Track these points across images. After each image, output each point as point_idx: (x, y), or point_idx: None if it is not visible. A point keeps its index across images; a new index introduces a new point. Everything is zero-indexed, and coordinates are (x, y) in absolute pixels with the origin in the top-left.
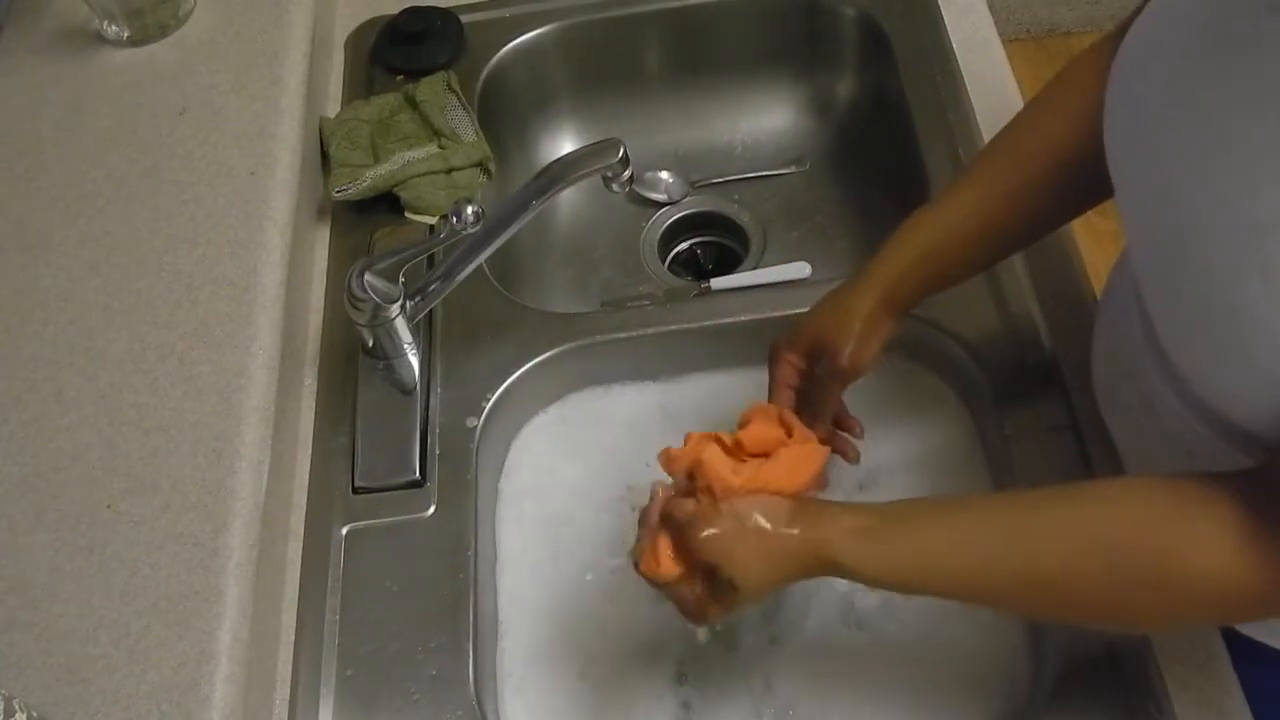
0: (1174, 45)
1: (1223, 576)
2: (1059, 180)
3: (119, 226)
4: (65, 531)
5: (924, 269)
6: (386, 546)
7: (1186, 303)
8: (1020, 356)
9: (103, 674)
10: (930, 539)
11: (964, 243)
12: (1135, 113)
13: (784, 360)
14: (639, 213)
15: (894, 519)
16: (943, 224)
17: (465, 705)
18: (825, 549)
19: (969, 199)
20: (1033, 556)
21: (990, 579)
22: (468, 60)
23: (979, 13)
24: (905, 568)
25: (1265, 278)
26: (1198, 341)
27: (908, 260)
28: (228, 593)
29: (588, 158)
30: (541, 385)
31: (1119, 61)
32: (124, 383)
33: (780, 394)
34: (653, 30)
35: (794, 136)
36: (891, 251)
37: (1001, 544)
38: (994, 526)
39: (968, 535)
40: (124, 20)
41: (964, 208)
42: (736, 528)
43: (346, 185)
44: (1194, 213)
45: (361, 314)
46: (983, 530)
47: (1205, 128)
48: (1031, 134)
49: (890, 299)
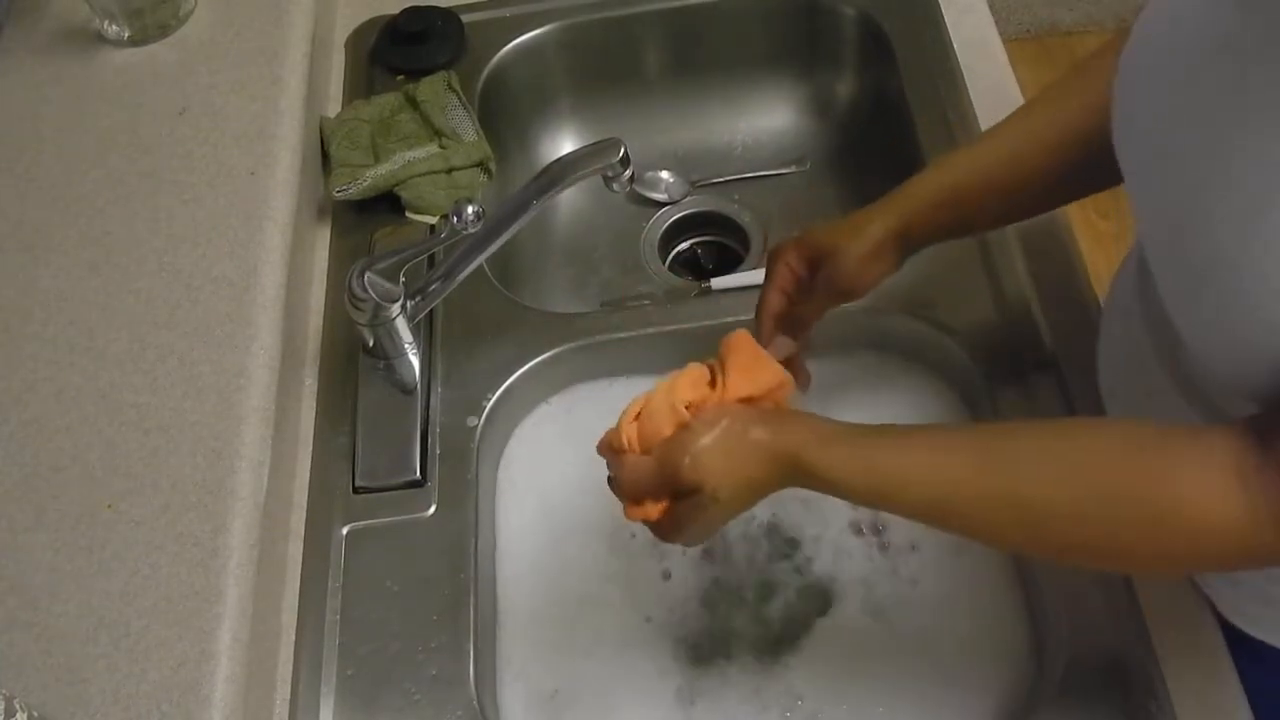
0: (1181, 43)
1: (1210, 513)
2: (1096, 144)
3: (119, 226)
4: (65, 531)
5: (946, 211)
6: (387, 546)
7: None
8: (1020, 356)
9: (103, 674)
10: (909, 450)
11: (991, 190)
12: (1143, 107)
13: (783, 262)
14: (639, 212)
15: (872, 431)
16: (977, 168)
17: (465, 705)
18: (801, 451)
19: (1004, 148)
20: (1013, 478)
21: (967, 498)
22: (468, 60)
23: (979, 12)
24: (879, 475)
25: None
26: (1208, 326)
27: (933, 197)
28: (228, 593)
29: (588, 158)
30: (542, 385)
31: (1125, 58)
32: (124, 383)
33: (772, 296)
34: (653, 30)
35: (794, 136)
36: (918, 186)
37: (981, 462)
38: (976, 446)
39: (949, 448)
40: (124, 20)
41: (999, 155)
42: (708, 439)
43: (347, 185)
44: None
45: (362, 314)
46: (964, 447)
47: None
48: (1070, 97)
49: (905, 233)
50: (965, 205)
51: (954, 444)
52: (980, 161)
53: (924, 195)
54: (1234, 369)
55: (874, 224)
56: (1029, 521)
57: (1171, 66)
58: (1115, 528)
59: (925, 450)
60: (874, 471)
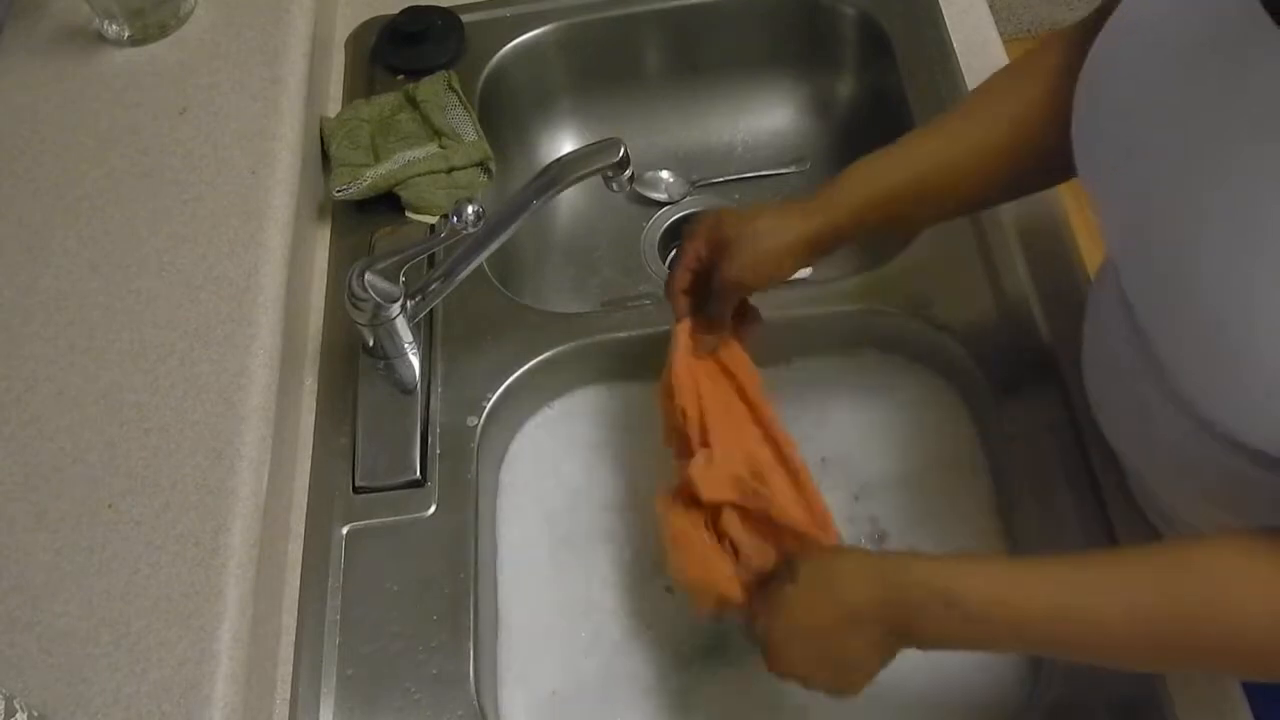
0: (1150, 53)
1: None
2: (1026, 148)
3: (119, 226)
4: (65, 531)
5: (876, 212)
6: (387, 546)
7: (1174, 309)
8: (1020, 355)
9: (103, 673)
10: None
11: (925, 195)
12: (1110, 120)
13: (691, 241)
14: (639, 212)
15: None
16: (911, 174)
17: (466, 704)
18: (932, 578)
19: (934, 147)
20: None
21: (1095, 633)
22: (468, 60)
23: (979, 12)
24: (1019, 608)
25: (1253, 287)
26: (1186, 347)
27: (864, 201)
28: (228, 592)
29: (588, 157)
30: (542, 384)
31: (1089, 66)
32: (124, 383)
33: (679, 273)
34: (653, 30)
35: (794, 136)
36: (847, 192)
37: (1101, 600)
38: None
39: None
40: (124, 20)
41: (934, 160)
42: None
43: (347, 185)
44: (1178, 221)
45: (362, 313)
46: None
47: (1187, 138)
48: (1005, 97)
49: (828, 237)
50: (896, 206)
51: (1076, 572)
52: (915, 167)
53: (853, 201)
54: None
55: (791, 226)
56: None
57: (1150, 66)
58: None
59: (1052, 569)
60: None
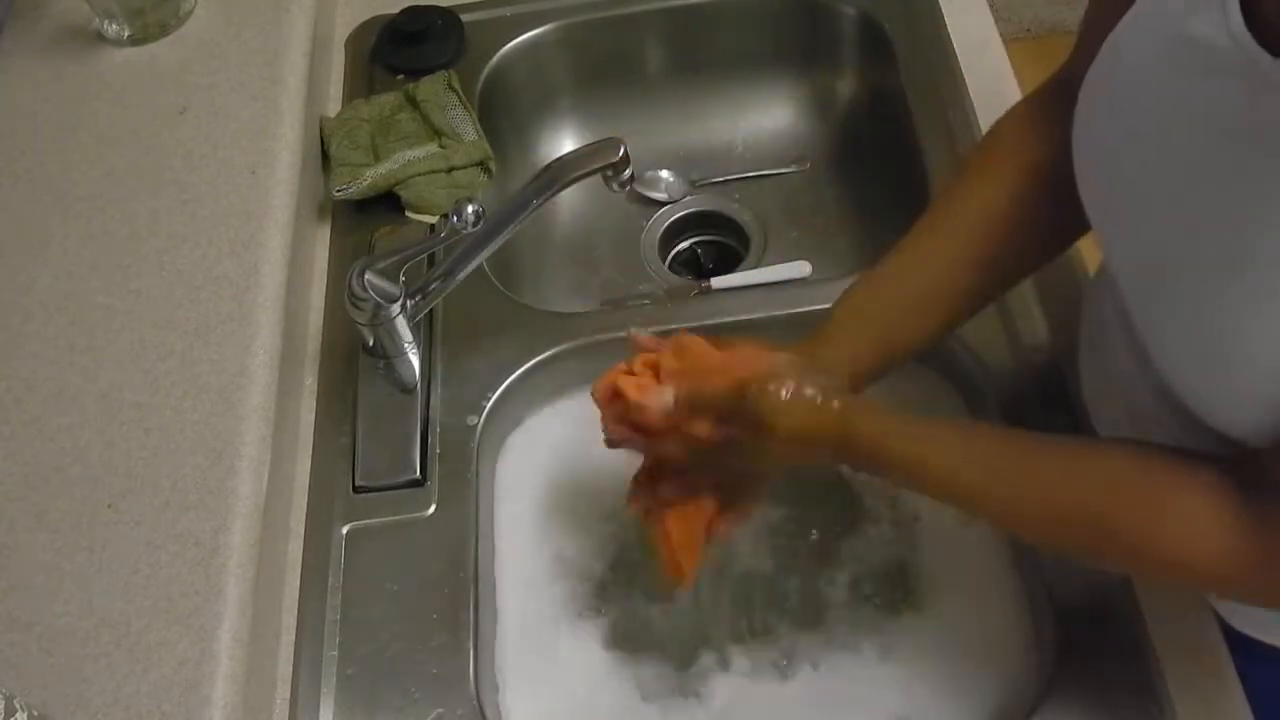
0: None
1: (1186, 555)
2: (997, 245)
3: (119, 226)
4: (65, 531)
5: (874, 345)
6: (387, 546)
7: (1175, 326)
8: (1021, 356)
9: (103, 673)
10: (947, 442)
11: (905, 314)
12: (1104, 146)
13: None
14: (639, 212)
15: (919, 420)
16: (882, 297)
17: (466, 704)
18: (859, 418)
19: (904, 267)
20: (1020, 488)
21: (976, 503)
22: (468, 60)
23: (980, 12)
24: (915, 461)
25: (1252, 300)
26: (1186, 359)
27: (855, 338)
28: (228, 592)
29: (588, 157)
30: (542, 384)
31: (1084, 97)
32: (124, 382)
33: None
34: (653, 30)
35: (794, 136)
36: (831, 333)
37: (1001, 469)
38: (1001, 452)
39: (976, 457)
40: (124, 19)
41: (901, 278)
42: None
43: (347, 184)
44: (1177, 240)
45: (362, 313)
46: (990, 454)
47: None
48: (965, 202)
49: (853, 377)
50: (889, 331)
51: (983, 450)
52: (881, 290)
53: (845, 340)
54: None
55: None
56: (1029, 534)
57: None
58: (1100, 547)
59: (960, 446)
60: (912, 458)
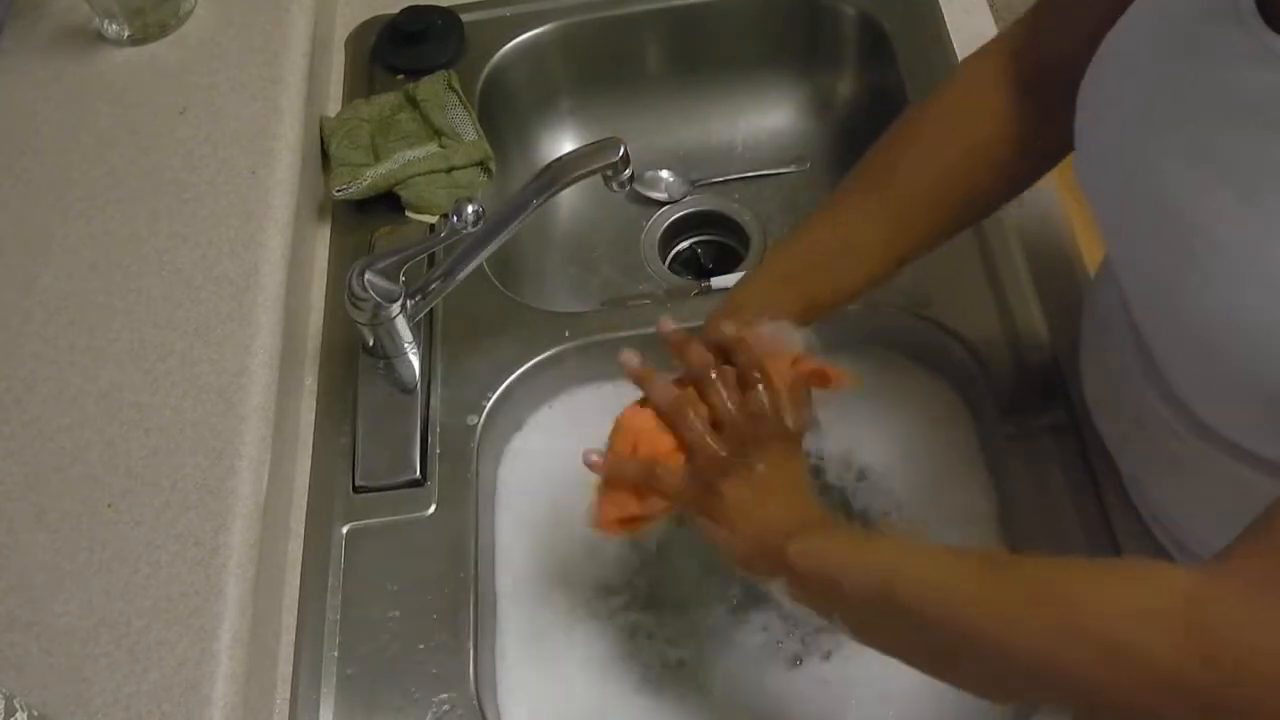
0: (1143, 61)
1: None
2: (928, 203)
3: (119, 226)
4: (65, 531)
5: (789, 289)
6: (387, 546)
7: (1170, 314)
8: (1021, 356)
9: (103, 673)
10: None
11: (829, 263)
12: (1109, 130)
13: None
14: (639, 212)
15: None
16: (804, 247)
17: (466, 704)
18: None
19: (830, 221)
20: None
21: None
22: (468, 60)
23: (980, 12)
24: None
25: (1264, 287)
26: (1190, 355)
27: (769, 283)
28: (228, 592)
29: (588, 157)
30: (542, 384)
31: (1086, 85)
32: (124, 382)
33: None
34: (653, 30)
35: (794, 136)
36: (756, 276)
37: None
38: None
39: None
40: (124, 19)
41: (824, 230)
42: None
43: (347, 184)
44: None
45: (362, 313)
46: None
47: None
48: (901, 155)
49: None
50: (805, 281)
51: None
52: (806, 241)
53: (762, 283)
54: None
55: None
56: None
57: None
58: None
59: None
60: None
